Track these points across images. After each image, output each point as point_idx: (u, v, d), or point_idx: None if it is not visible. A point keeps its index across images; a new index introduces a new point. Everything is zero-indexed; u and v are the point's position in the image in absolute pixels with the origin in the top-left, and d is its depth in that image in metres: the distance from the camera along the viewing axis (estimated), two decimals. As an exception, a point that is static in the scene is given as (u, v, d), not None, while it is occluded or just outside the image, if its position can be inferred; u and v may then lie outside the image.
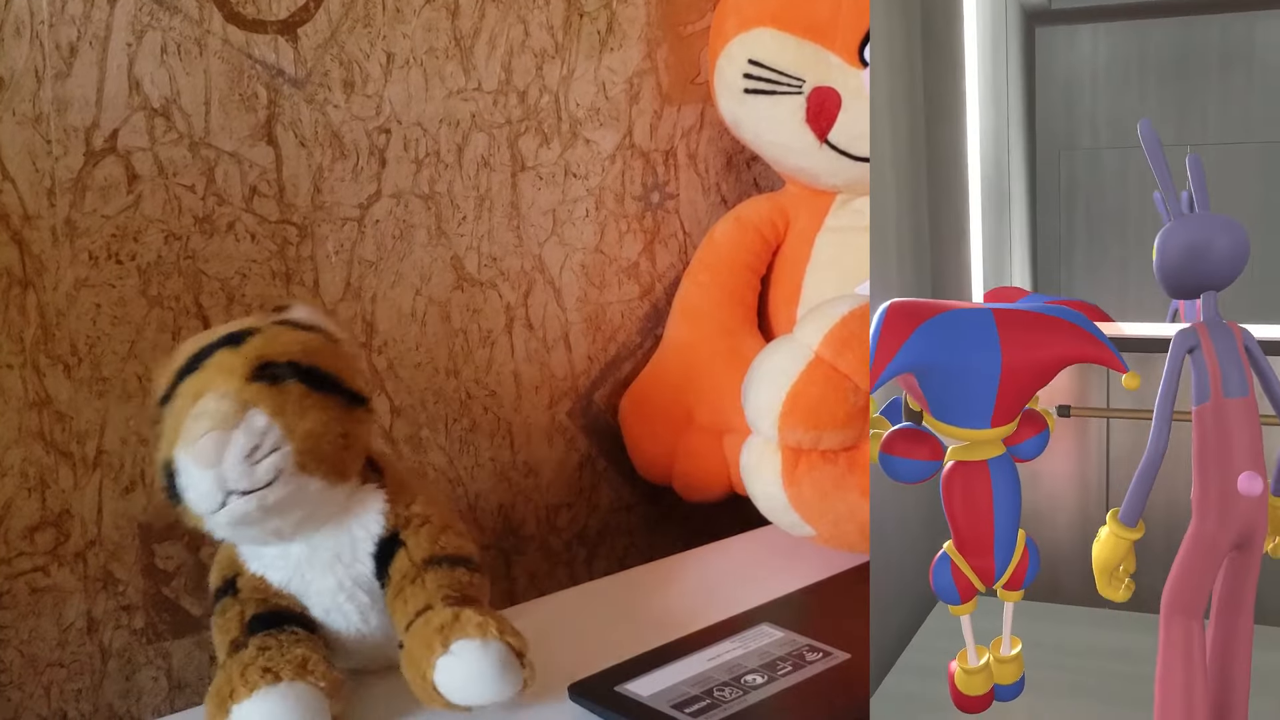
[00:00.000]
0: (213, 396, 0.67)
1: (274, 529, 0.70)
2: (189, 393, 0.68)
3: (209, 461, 0.66)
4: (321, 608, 0.74)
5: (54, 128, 0.80)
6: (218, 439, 0.66)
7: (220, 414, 0.67)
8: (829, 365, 0.87)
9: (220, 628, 0.73)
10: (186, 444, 0.67)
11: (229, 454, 0.66)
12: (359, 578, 0.73)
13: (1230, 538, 0.68)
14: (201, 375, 0.69)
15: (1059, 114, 1.11)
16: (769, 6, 1.01)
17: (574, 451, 1.07)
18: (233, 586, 0.74)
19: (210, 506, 0.67)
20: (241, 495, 0.67)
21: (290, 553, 0.73)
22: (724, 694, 0.73)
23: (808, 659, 0.77)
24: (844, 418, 0.87)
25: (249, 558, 0.74)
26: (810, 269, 1.05)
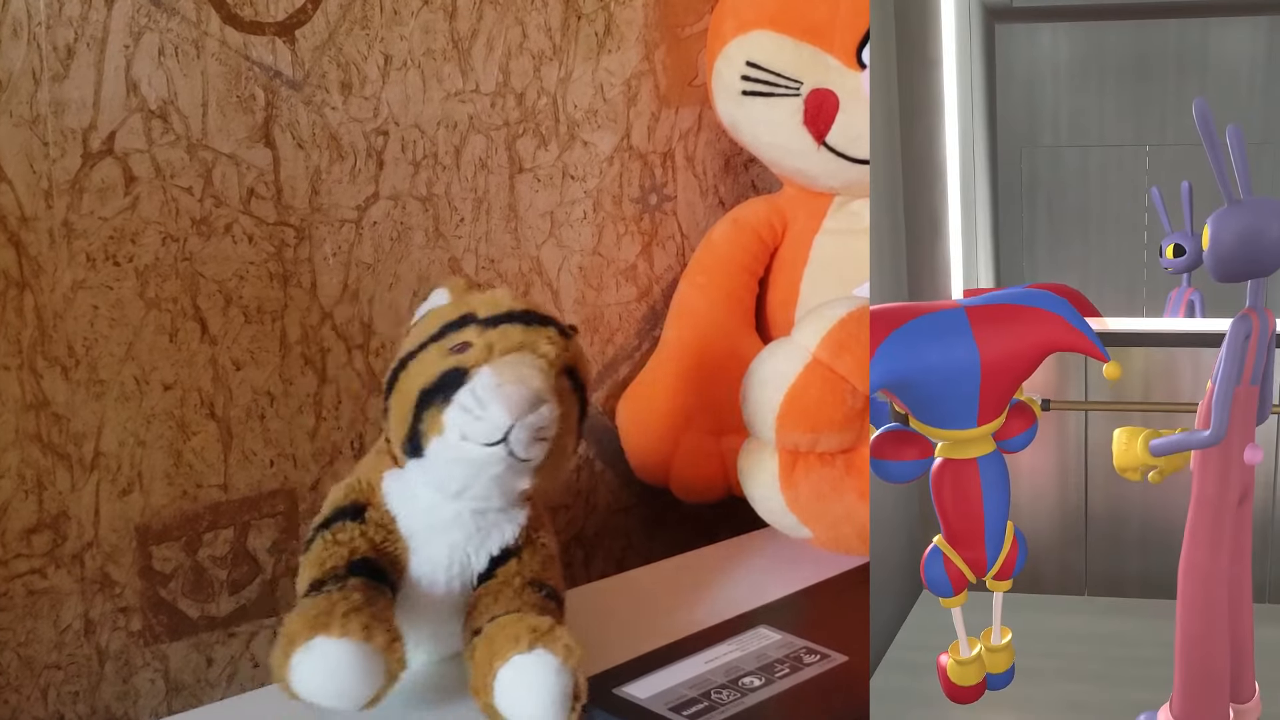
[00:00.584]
0: (541, 364, 0.71)
1: (477, 492, 0.72)
2: (516, 341, 0.72)
3: (519, 409, 0.68)
4: (423, 572, 0.74)
5: (51, 129, 0.80)
6: (538, 399, 0.69)
7: (545, 381, 0.70)
8: (826, 367, 0.87)
9: (327, 546, 0.73)
10: (510, 378, 0.69)
11: (533, 418, 0.69)
12: (467, 569, 0.75)
13: (1233, 498, 0.74)
14: (534, 335, 0.73)
15: (1020, 112, 1.12)
16: (767, 9, 1.01)
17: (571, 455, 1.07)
18: (361, 513, 0.74)
19: (486, 438, 0.69)
20: (507, 454, 0.69)
21: (440, 510, 0.73)
22: (721, 696, 0.73)
23: (805, 661, 0.77)
24: (841, 420, 0.87)
25: (395, 494, 0.75)
26: (808, 271, 1.05)
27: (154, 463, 0.87)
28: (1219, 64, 1.07)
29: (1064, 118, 1.12)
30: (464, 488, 0.72)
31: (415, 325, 0.77)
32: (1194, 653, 0.75)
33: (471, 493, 0.72)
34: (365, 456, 0.80)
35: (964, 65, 1.06)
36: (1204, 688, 0.76)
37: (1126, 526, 1.14)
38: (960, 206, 1.08)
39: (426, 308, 0.78)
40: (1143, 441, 0.76)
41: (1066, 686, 0.91)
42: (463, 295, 0.77)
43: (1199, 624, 0.75)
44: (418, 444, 0.72)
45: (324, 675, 0.65)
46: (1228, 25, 1.06)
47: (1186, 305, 1.08)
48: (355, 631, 0.66)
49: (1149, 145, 1.09)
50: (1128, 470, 0.77)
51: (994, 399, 0.70)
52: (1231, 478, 0.74)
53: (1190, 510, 0.75)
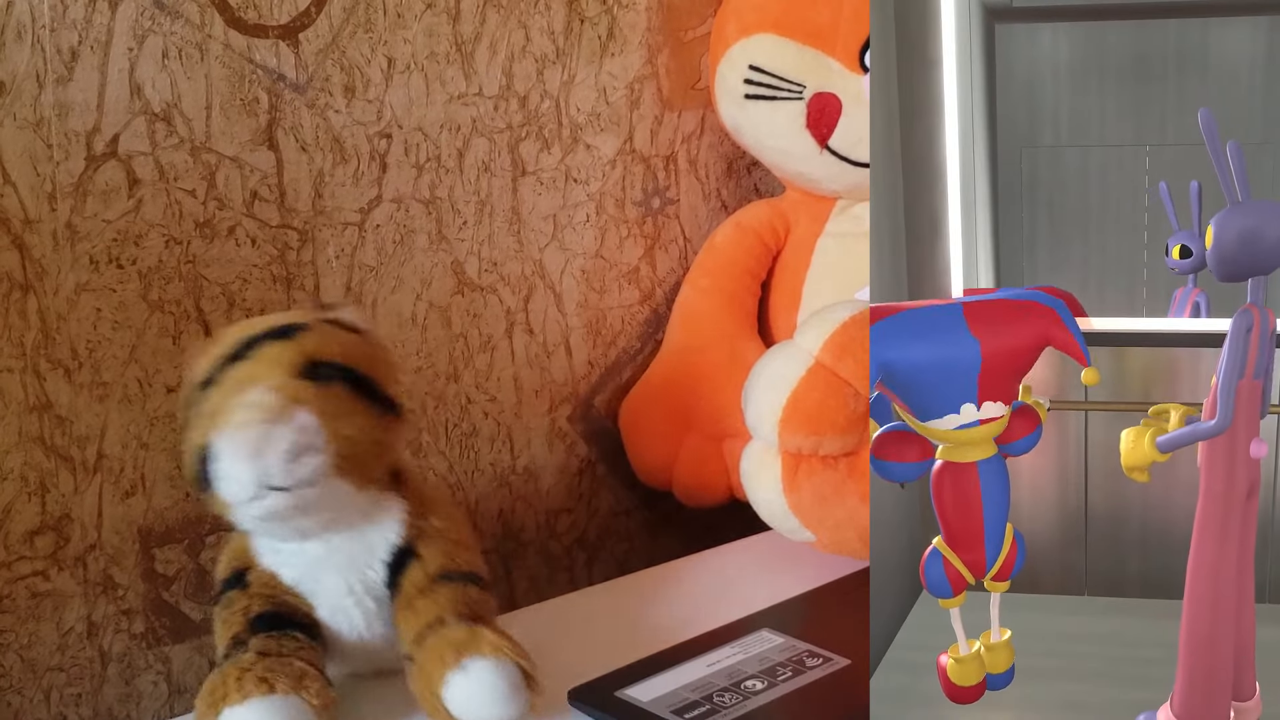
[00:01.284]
0: (262, 389, 0.67)
1: (299, 527, 0.71)
2: (235, 380, 0.68)
3: (252, 454, 0.66)
4: (329, 608, 0.73)
5: (55, 132, 0.80)
6: (265, 432, 0.66)
7: (269, 407, 0.66)
8: (829, 371, 0.87)
9: (224, 620, 0.73)
10: (230, 432, 0.66)
11: (273, 448, 0.66)
12: (370, 584, 0.73)
13: (1241, 491, 0.75)
14: (250, 365, 0.68)
15: (1020, 112, 1.12)
16: (770, 12, 1.01)
17: (574, 456, 1.07)
18: (242, 579, 0.74)
19: (245, 497, 0.67)
20: (279, 491, 0.67)
21: (306, 551, 0.73)
22: (724, 699, 0.73)
23: (807, 664, 0.77)
24: (844, 423, 0.87)
25: (263, 552, 0.74)
26: (810, 274, 1.05)
27: (157, 465, 0.87)
28: (1219, 64, 1.07)
29: (1064, 118, 1.12)
30: (296, 531, 0.71)
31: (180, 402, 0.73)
32: (1199, 650, 0.75)
33: (309, 530, 0.71)
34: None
35: (964, 65, 1.06)
36: (1207, 685, 0.76)
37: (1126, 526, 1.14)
38: (960, 207, 1.08)
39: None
40: (1150, 438, 0.76)
41: (1066, 686, 0.91)
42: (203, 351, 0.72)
43: (1206, 621, 0.75)
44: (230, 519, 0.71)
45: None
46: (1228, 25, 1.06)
47: (1192, 306, 1.08)
48: (254, 690, 0.66)
49: (1149, 145, 1.09)
50: (1135, 469, 0.77)
51: (992, 388, 0.71)
52: (1238, 471, 0.74)
53: (1199, 505, 0.76)
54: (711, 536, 1.01)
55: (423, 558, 0.73)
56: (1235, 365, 0.72)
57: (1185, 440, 0.75)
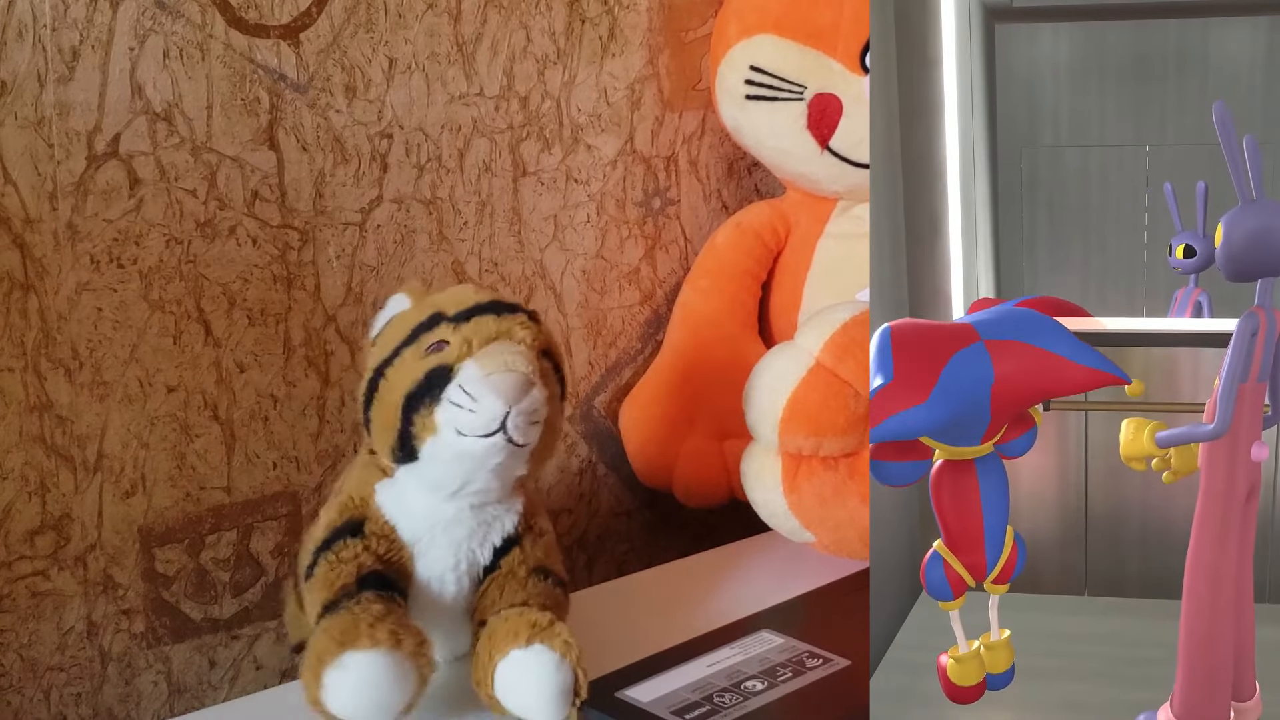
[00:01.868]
0: (523, 350, 0.71)
1: (477, 486, 0.72)
2: (491, 329, 0.72)
3: (512, 396, 0.69)
4: (431, 573, 0.74)
5: (56, 132, 0.80)
6: (528, 384, 0.69)
7: (529, 368, 0.70)
8: (830, 372, 0.87)
9: (331, 566, 0.72)
10: (494, 369, 0.69)
11: (527, 404, 0.69)
12: (474, 561, 0.75)
13: (1241, 493, 0.75)
14: (507, 323, 0.72)
15: (1020, 112, 1.12)
16: (771, 13, 1.01)
17: (574, 457, 1.07)
18: (359, 529, 0.74)
19: (484, 429, 0.69)
20: (507, 441, 0.69)
21: (440, 511, 0.73)
22: (724, 700, 0.73)
23: (808, 665, 0.77)
24: (844, 424, 0.87)
25: (390, 503, 0.74)
26: (811, 275, 1.05)
27: (157, 465, 0.87)
28: (1219, 64, 1.07)
29: (1064, 118, 1.12)
30: (464, 484, 0.72)
31: (380, 335, 0.76)
32: (1198, 651, 0.75)
33: (471, 488, 0.72)
34: (348, 472, 0.79)
35: (964, 65, 1.06)
36: (1206, 685, 0.76)
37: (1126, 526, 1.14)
38: (960, 207, 1.08)
39: (386, 316, 0.77)
40: (1149, 433, 0.76)
41: (1066, 686, 0.91)
42: (424, 297, 0.77)
43: (1204, 621, 0.75)
44: (410, 449, 0.71)
45: (360, 689, 0.65)
46: (1228, 25, 1.06)
47: (1194, 306, 1.08)
48: (384, 641, 0.66)
49: (1149, 145, 1.09)
50: (1133, 460, 0.77)
51: (1000, 425, 0.71)
52: (1239, 474, 0.74)
53: (1198, 505, 0.75)
54: (712, 537, 1.01)
55: (525, 549, 0.75)
56: (1238, 368, 0.72)
57: (1183, 439, 0.75)
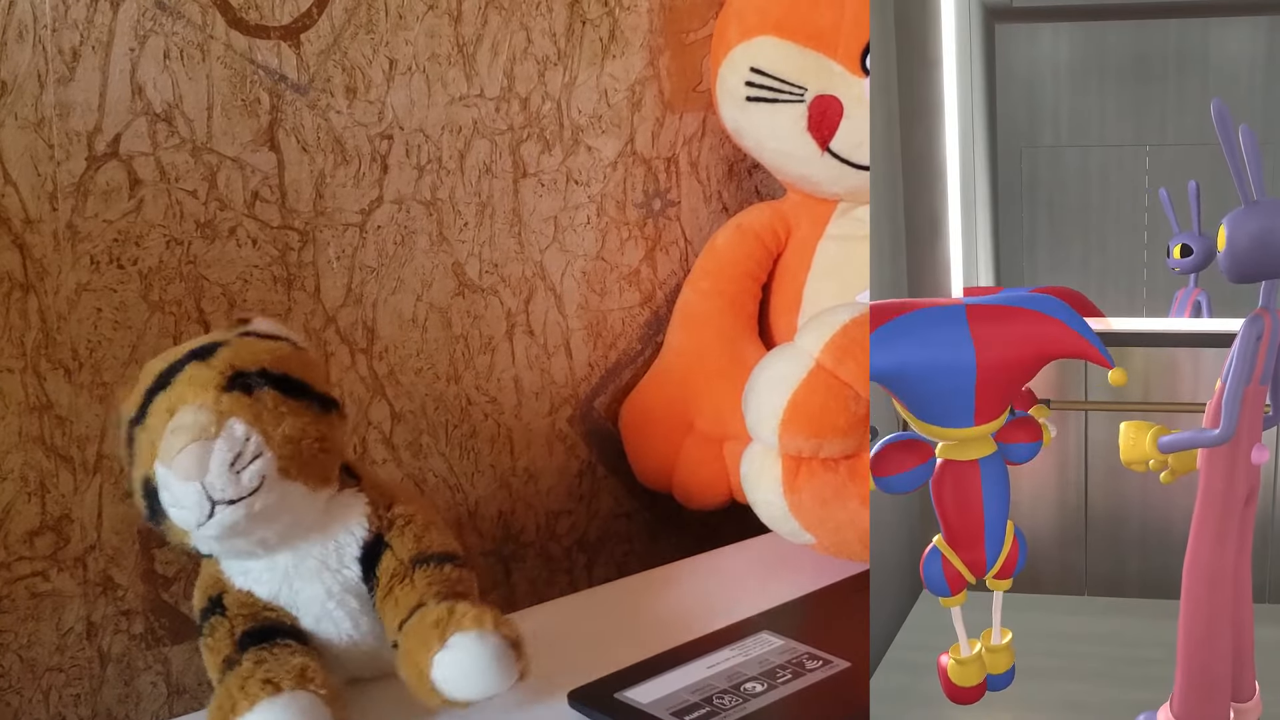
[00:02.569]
0: (189, 409, 0.67)
1: (260, 539, 0.70)
2: (163, 409, 0.68)
3: (193, 473, 0.66)
4: (312, 616, 0.73)
5: (56, 132, 0.80)
6: (200, 450, 0.66)
7: (199, 425, 0.66)
8: (830, 373, 0.87)
9: (211, 648, 0.72)
10: (167, 458, 0.66)
11: (213, 464, 0.66)
12: (347, 583, 0.73)
13: (1240, 495, 0.75)
14: (174, 390, 0.68)
15: (1020, 112, 1.12)
16: (771, 15, 1.01)
17: (574, 458, 1.07)
18: (219, 605, 0.74)
19: (198, 518, 0.67)
20: (228, 504, 0.66)
21: (277, 563, 0.73)
22: (724, 701, 0.73)
23: (807, 667, 0.77)
24: (845, 426, 0.87)
25: (234, 574, 0.74)
26: (811, 277, 1.05)
27: (157, 466, 0.87)
28: (1219, 64, 1.07)
29: (1064, 118, 1.12)
30: (254, 545, 0.71)
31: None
32: (1196, 651, 0.75)
33: (268, 543, 0.71)
34: None
35: (964, 65, 1.06)
36: (1205, 687, 0.76)
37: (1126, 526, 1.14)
38: (960, 207, 1.08)
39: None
40: (1151, 438, 0.76)
41: (1066, 686, 0.91)
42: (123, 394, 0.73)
43: (1202, 622, 0.75)
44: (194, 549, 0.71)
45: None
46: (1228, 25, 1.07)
47: (1193, 306, 1.08)
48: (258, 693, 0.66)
49: (1149, 145, 1.09)
50: (1134, 464, 0.77)
51: (991, 400, 0.70)
52: (1238, 476, 0.74)
53: (1197, 506, 0.75)
54: (711, 538, 1.01)
55: (393, 546, 0.73)
56: (1243, 372, 0.71)
57: (1186, 445, 0.74)
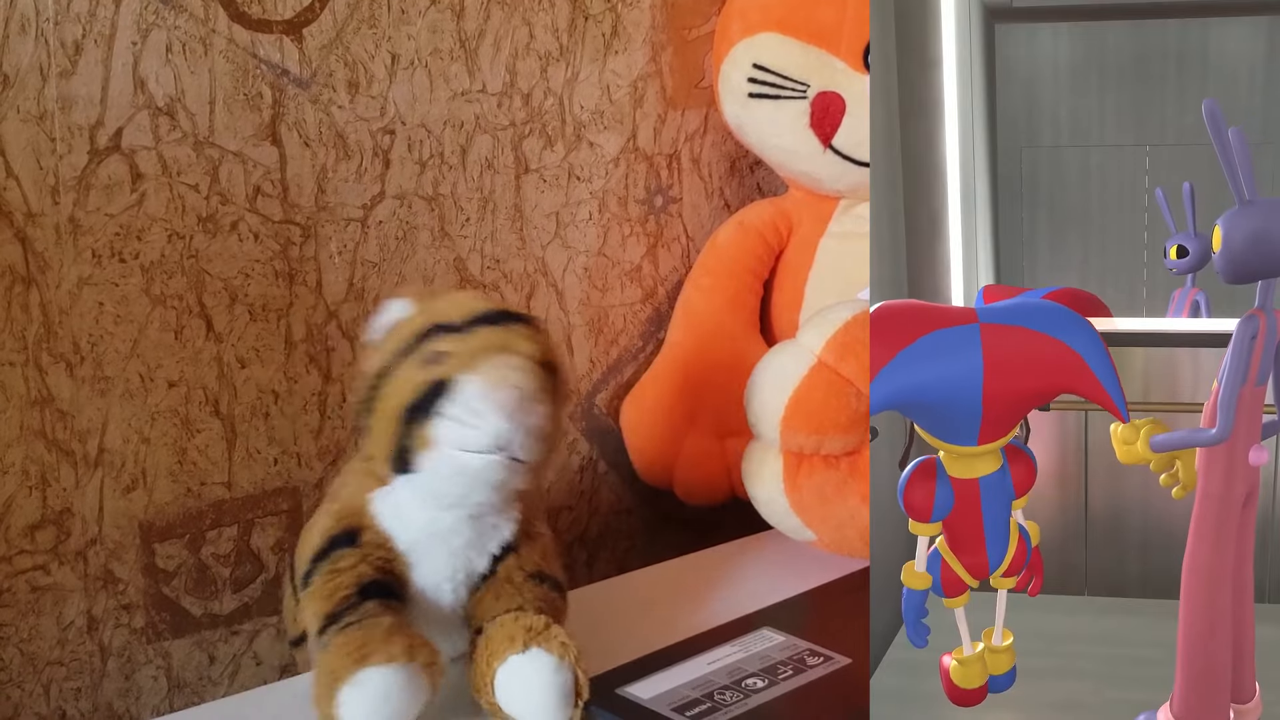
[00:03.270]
0: (526, 364, 0.69)
1: (477, 499, 0.71)
2: (490, 341, 0.69)
3: (514, 413, 0.67)
4: (428, 583, 0.74)
5: (58, 126, 0.80)
6: (529, 402, 0.68)
7: (532, 383, 0.69)
8: (831, 370, 0.87)
9: (329, 577, 0.72)
10: (498, 385, 0.67)
11: (530, 420, 0.68)
12: (472, 570, 0.74)
13: (1239, 497, 0.75)
14: (507, 335, 0.70)
15: (1020, 112, 1.12)
16: (774, 11, 1.01)
17: (575, 454, 1.07)
18: (354, 539, 0.73)
19: (484, 446, 0.68)
20: (509, 458, 0.68)
21: (437, 521, 0.73)
22: (725, 697, 0.73)
23: (808, 663, 0.77)
24: (846, 423, 0.87)
25: (387, 513, 0.74)
26: (813, 274, 1.05)
27: (158, 460, 0.87)
28: (1219, 64, 1.07)
29: (1064, 118, 1.12)
30: (463, 497, 0.71)
31: (379, 341, 0.74)
32: (1196, 652, 0.75)
33: (470, 501, 0.72)
34: (343, 478, 0.78)
35: (964, 65, 1.06)
36: (1205, 687, 0.76)
37: (1126, 526, 1.14)
38: (960, 207, 1.08)
39: (385, 320, 0.75)
40: (1144, 437, 0.76)
41: (1066, 686, 0.91)
42: (426, 303, 0.74)
43: (1202, 623, 0.75)
44: (408, 461, 0.71)
45: (377, 704, 0.65)
46: (1228, 25, 1.07)
47: (1191, 305, 1.08)
48: (400, 655, 0.66)
49: (1149, 145, 1.09)
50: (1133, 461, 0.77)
51: (998, 421, 0.70)
52: (1237, 477, 0.74)
53: (1195, 508, 0.75)
54: (712, 535, 1.01)
55: (521, 555, 0.75)
56: (1238, 373, 0.71)
57: (1182, 444, 0.74)
